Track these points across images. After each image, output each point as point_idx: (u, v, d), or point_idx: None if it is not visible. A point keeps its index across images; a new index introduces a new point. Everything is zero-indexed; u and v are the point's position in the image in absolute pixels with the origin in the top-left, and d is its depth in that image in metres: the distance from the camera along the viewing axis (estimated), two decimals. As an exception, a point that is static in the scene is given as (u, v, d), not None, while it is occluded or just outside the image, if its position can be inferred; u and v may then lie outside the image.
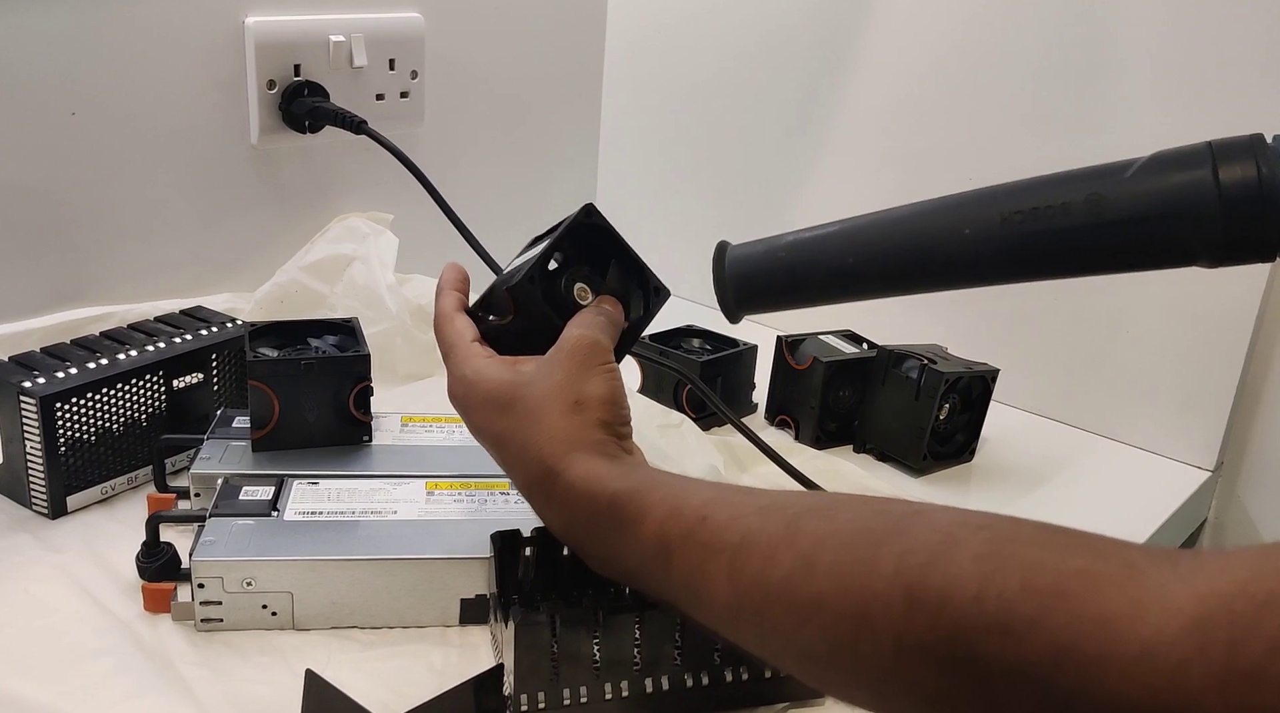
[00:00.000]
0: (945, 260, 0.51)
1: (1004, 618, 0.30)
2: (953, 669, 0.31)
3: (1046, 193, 0.48)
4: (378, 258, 0.87)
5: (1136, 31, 0.79)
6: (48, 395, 0.61)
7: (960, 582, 0.31)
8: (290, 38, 0.85)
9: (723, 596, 0.39)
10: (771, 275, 0.55)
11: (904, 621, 0.32)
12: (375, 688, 0.51)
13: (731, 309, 0.57)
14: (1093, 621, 0.28)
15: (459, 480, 0.63)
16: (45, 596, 0.57)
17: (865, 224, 0.53)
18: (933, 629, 0.32)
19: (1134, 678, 0.27)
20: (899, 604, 0.33)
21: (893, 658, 0.33)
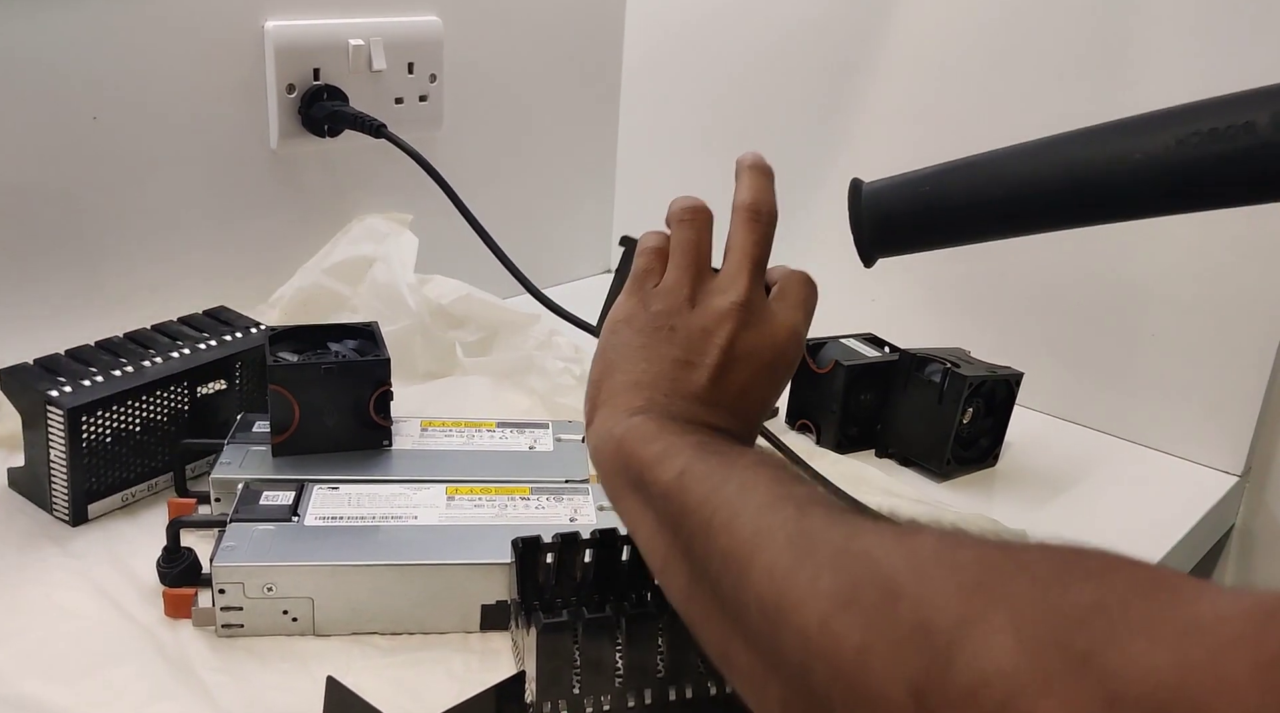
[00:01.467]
0: (1111, 189, 0.47)
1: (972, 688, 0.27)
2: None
3: (1227, 112, 0.44)
4: (398, 257, 0.86)
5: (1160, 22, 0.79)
6: (75, 407, 0.61)
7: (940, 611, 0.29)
8: (309, 42, 0.85)
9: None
10: (912, 211, 0.52)
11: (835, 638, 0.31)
12: (396, 695, 0.51)
13: (867, 251, 0.54)
14: (1151, 583, 0.27)
15: (479, 485, 0.63)
16: (67, 601, 0.57)
17: (1016, 152, 0.49)
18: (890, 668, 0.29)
19: (1174, 648, 0.25)
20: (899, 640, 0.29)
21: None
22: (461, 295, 0.89)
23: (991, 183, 0.50)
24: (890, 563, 0.31)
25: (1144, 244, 0.82)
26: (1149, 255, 0.82)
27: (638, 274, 0.54)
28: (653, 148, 1.13)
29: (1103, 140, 0.47)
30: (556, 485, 0.64)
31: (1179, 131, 0.45)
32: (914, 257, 0.98)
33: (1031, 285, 0.89)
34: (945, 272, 0.94)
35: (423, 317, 0.84)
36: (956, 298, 0.94)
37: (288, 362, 0.65)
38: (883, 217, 0.53)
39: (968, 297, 0.93)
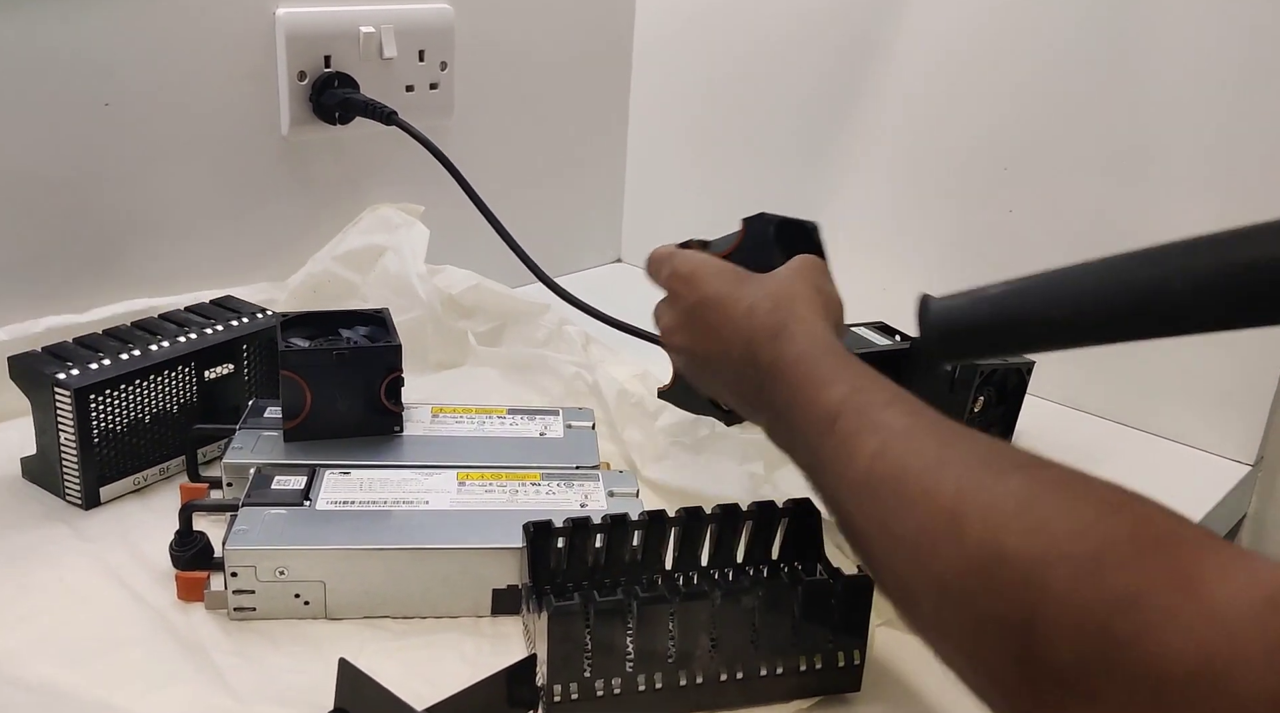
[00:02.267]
0: (1159, 313, 0.49)
1: (1098, 552, 0.31)
2: (1014, 592, 0.32)
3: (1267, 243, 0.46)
4: (409, 248, 0.86)
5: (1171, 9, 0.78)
6: (82, 387, 0.62)
7: (1070, 514, 0.33)
8: (320, 29, 0.85)
9: (860, 466, 0.41)
10: (974, 329, 0.55)
11: (998, 530, 0.33)
12: (408, 678, 0.51)
13: (932, 358, 0.60)
14: (1176, 575, 0.29)
15: (490, 471, 0.63)
16: (80, 584, 0.57)
17: (1071, 275, 0.52)
18: (1023, 545, 0.33)
19: (1196, 636, 0.28)
20: (1001, 515, 0.34)
21: (967, 566, 0.34)
22: (471, 285, 0.89)
23: (1048, 304, 0.53)
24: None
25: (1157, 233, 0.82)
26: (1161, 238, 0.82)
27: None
28: (663, 136, 1.13)
29: (1149, 266, 0.49)
30: (567, 471, 0.64)
31: (1232, 257, 0.47)
32: (924, 246, 0.98)
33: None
34: (956, 260, 0.94)
35: (434, 307, 0.84)
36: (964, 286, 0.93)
37: (300, 347, 0.66)
38: (949, 331, 0.56)
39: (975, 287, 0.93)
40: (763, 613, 0.51)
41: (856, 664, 0.53)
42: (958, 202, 0.93)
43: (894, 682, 0.55)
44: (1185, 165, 0.80)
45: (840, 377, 0.47)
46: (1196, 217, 0.80)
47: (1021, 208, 0.89)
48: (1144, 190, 0.82)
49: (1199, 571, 0.29)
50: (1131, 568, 0.30)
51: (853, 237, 1.01)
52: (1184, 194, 0.80)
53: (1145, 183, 0.82)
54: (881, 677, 0.55)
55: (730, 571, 0.56)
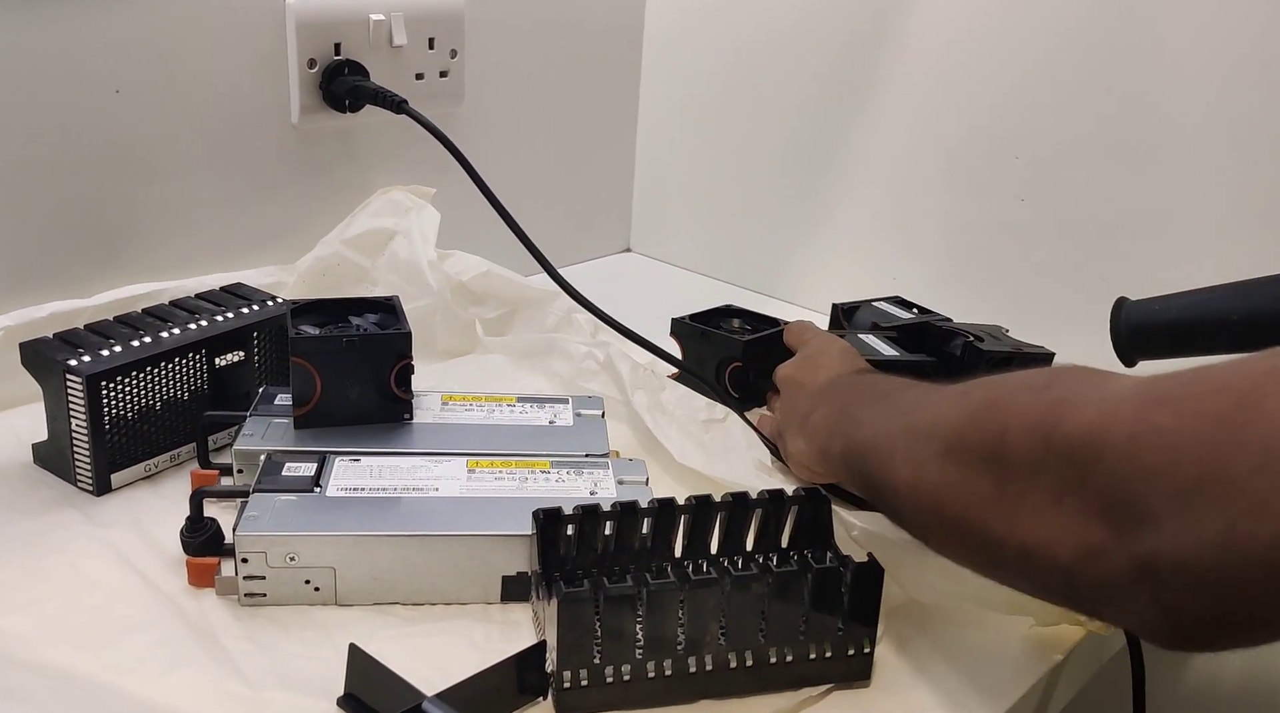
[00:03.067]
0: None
1: (1047, 380, 0.43)
2: (993, 416, 0.44)
3: None
4: (419, 232, 0.86)
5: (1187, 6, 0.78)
6: (94, 374, 0.62)
7: (1044, 372, 0.46)
8: (330, 16, 0.85)
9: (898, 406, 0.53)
10: (1163, 325, 0.64)
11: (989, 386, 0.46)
12: (418, 664, 0.51)
13: (1127, 353, 0.65)
14: (1092, 379, 0.41)
15: (500, 459, 0.63)
16: (91, 570, 0.57)
17: (1250, 285, 0.61)
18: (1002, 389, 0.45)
19: (1094, 409, 0.38)
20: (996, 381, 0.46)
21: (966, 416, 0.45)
22: (482, 272, 0.89)
23: (1227, 309, 0.61)
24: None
25: (1169, 221, 0.82)
26: (1180, 241, 0.82)
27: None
28: (673, 126, 1.13)
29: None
30: (577, 459, 0.64)
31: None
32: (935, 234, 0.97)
33: (1058, 262, 0.88)
34: (967, 248, 0.93)
35: (443, 295, 0.84)
36: (976, 275, 0.93)
37: (310, 334, 0.66)
38: (1139, 328, 0.65)
39: (993, 275, 0.93)
40: (772, 601, 0.51)
41: (866, 653, 0.53)
42: (969, 190, 0.92)
43: (903, 671, 0.55)
44: (1197, 153, 0.79)
45: (903, 383, 0.58)
46: (1209, 204, 0.80)
47: (1033, 196, 0.89)
48: (1156, 178, 0.82)
49: (1111, 376, 0.40)
50: (1068, 382, 0.41)
51: (863, 225, 1.00)
52: (1196, 182, 0.80)
53: (1157, 170, 0.82)
54: (891, 666, 0.55)
55: (740, 558, 0.56)
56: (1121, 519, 0.37)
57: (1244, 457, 0.33)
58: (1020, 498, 0.41)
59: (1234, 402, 0.34)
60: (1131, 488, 0.36)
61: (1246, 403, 0.33)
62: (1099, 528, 0.38)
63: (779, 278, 1.06)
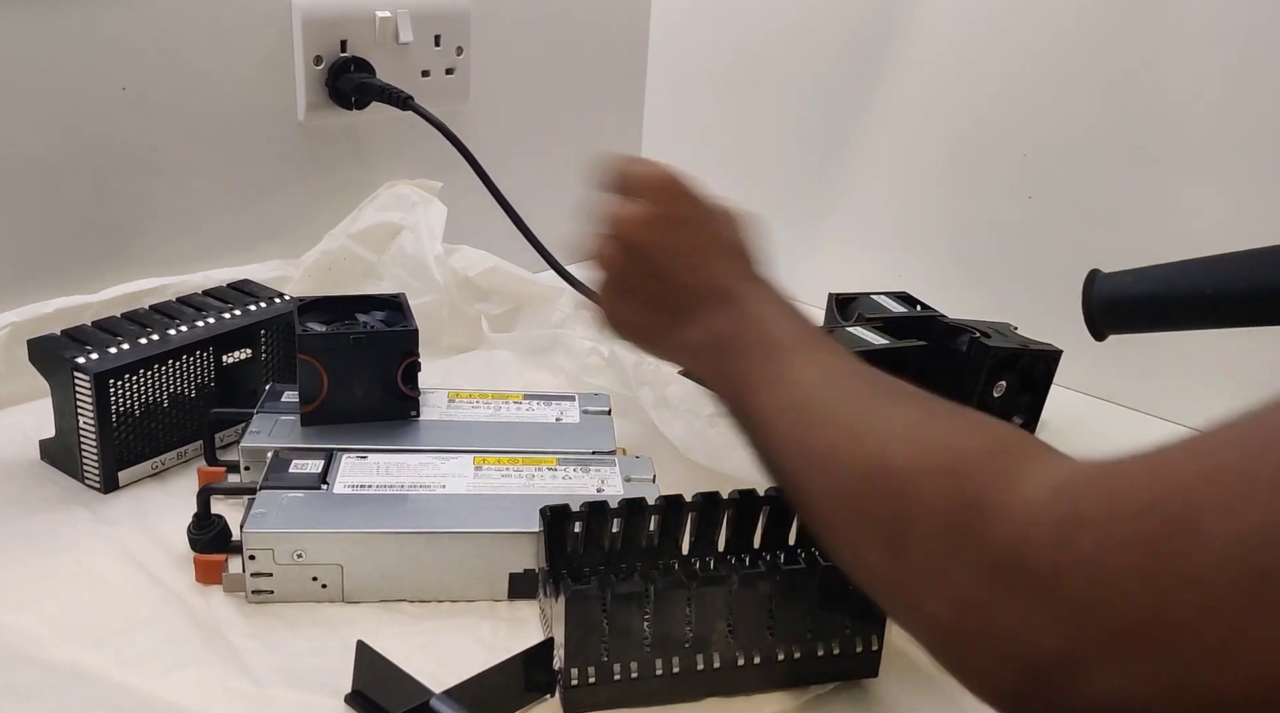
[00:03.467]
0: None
1: (953, 465, 0.37)
2: (895, 496, 0.38)
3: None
4: (426, 227, 0.86)
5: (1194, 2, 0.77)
6: (101, 372, 0.62)
7: (941, 435, 0.40)
8: (337, 13, 0.85)
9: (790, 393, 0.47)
10: (1136, 300, 0.62)
11: (885, 445, 0.40)
12: (425, 661, 0.51)
13: (1099, 327, 0.63)
14: (1003, 478, 0.35)
15: (507, 456, 0.63)
16: (99, 567, 0.57)
17: (1225, 258, 0.58)
18: (901, 459, 0.39)
19: (1007, 525, 0.34)
20: (892, 436, 0.41)
21: (862, 474, 0.40)
22: (489, 267, 0.89)
23: (1201, 283, 0.59)
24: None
25: (1176, 218, 0.81)
26: (1188, 236, 0.81)
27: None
28: (678, 121, 1.13)
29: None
30: (583, 456, 0.64)
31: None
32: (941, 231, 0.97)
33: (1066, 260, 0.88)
34: (975, 245, 0.93)
35: (449, 290, 0.84)
36: (986, 273, 0.93)
37: (317, 332, 0.66)
38: (1112, 302, 0.63)
39: (999, 273, 0.92)
40: (780, 599, 0.51)
41: (875, 650, 0.53)
42: (975, 187, 0.92)
43: (911, 668, 0.54)
44: (1204, 151, 0.79)
45: (791, 316, 0.51)
46: (1215, 202, 0.79)
47: (1041, 194, 0.88)
48: (1163, 175, 0.82)
49: (1022, 473, 0.35)
50: (978, 475, 0.36)
51: (869, 221, 1.00)
52: (1203, 179, 0.80)
53: (1164, 168, 0.81)
54: (899, 663, 0.54)
55: (747, 556, 0.56)
56: (1047, 663, 0.32)
57: (1187, 595, 0.28)
58: (916, 595, 0.37)
59: (1162, 526, 0.29)
60: (1058, 629, 0.31)
61: (1179, 528, 0.29)
62: (1016, 671, 0.33)
63: (783, 274, 1.05)
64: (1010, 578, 0.33)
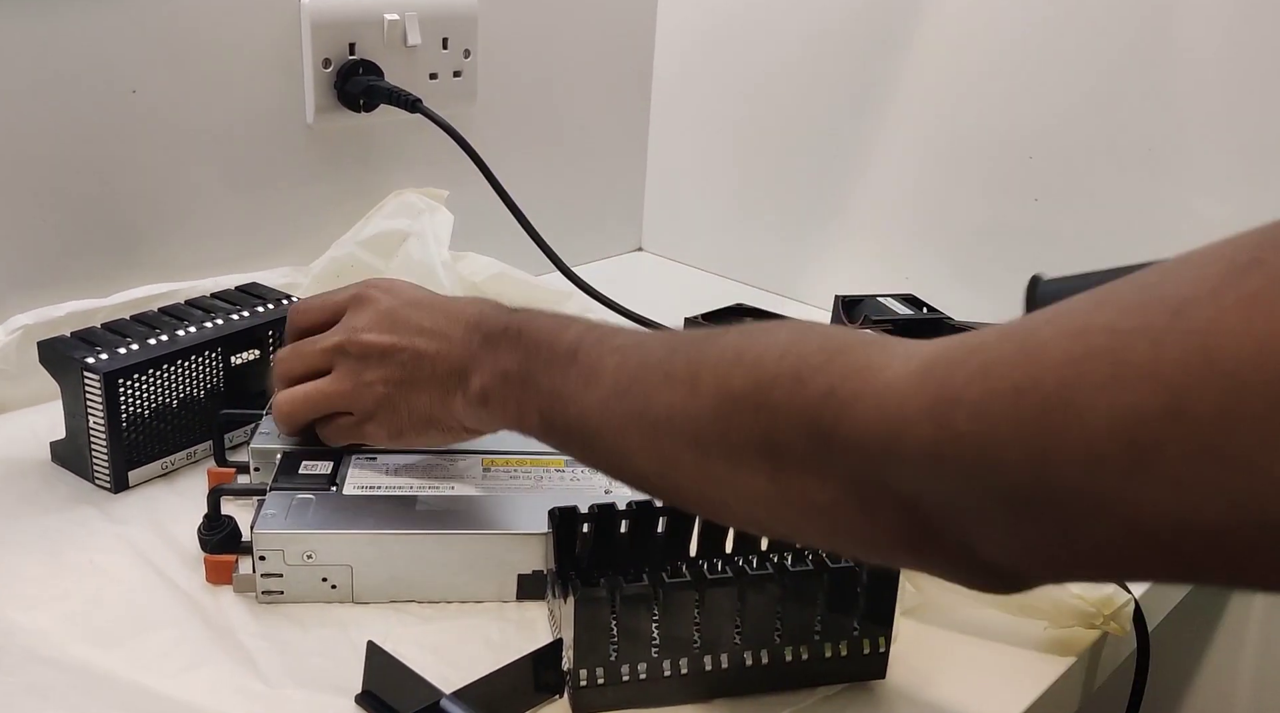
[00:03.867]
0: None
1: (796, 368, 0.38)
2: (750, 417, 0.39)
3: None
4: (433, 234, 0.87)
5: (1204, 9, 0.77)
6: (111, 371, 0.62)
7: (774, 348, 0.40)
8: (345, 16, 0.86)
9: (606, 382, 0.46)
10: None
11: (725, 376, 0.41)
12: (434, 662, 0.51)
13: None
14: (856, 368, 0.36)
15: (515, 457, 0.63)
16: (109, 566, 0.58)
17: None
18: (744, 380, 0.40)
19: (875, 409, 0.35)
20: (724, 365, 0.41)
21: (710, 412, 0.41)
22: (495, 273, 0.89)
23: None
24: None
25: (1183, 222, 0.82)
26: (1194, 239, 0.81)
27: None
28: (684, 125, 1.13)
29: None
30: (591, 458, 0.64)
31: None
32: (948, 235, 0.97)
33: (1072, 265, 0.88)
34: (981, 249, 0.93)
35: (456, 295, 0.84)
36: (991, 276, 0.93)
37: None
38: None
39: (1004, 276, 0.93)
40: (787, 601, 0.51)
41: (882, 652, 0.53)
42: (982, 191, 0.92)
43: (919, 670, 0.55)
44: (1211, 155, 0.79)
45: (572, 323, 0.51)
46: (1222, 206, 0.80)
47: (1047, 197, 0.89)
48: (1169, 179, 0.82)
49: (873, 359, 0.36)
50: (825, 371, 0.37)
51: (875, 224, 1.00)
52: (1209, 183, 0.80)
53: (1170, 172, 0.81)
54: (906, 664, 0.55)
55: (755, 558, 0.56)
56: (940, 528, 0.35)
57: (1069, 463, 0.30)
58: (805, 494, 0.38)
59: (1041, 402, 0.31)
60: (944, 497, 0.34)
61: (1056, 404, 0.30)
62: (912, 532, 0.36)
63: (790, 277, 1.06)
64: (890, 457, 0.34)
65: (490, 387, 0.53)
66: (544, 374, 0.50)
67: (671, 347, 0.45)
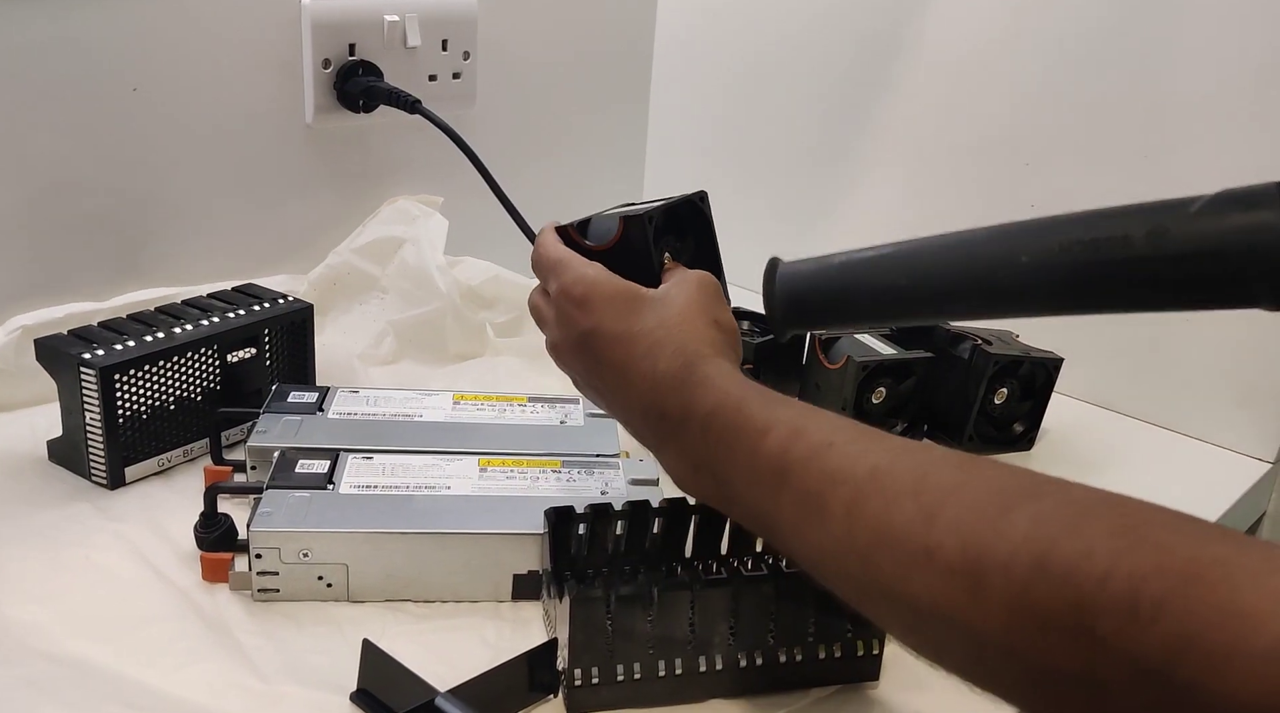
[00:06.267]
0: (1000, 287, 0.49)
1: (1131, 598, 0.29)
2: (1065, 646, 0.30)
3: (1107, 224, 0.48)
4: (428, 240, 0.87)
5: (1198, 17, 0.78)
6: (107, 366, 0.62)
7: (1091, 556, 0.31)
8: (345, 17, 0.86)
9: (835, 530, 0.38)
10: (823, 294, 0.55)
11: (1023, 587, 0.31)
12: (429, 660, 0.51)
13: (779, 326, 0.57)
14: (1225, 611, 0.27)
15: (511, 458, 0.63)
16: (106, 563, 0.58)
17: (919, 247, 0.52)
18: (1053, 599, 0.31)
19: (1260, 675, 0.26)
20: (1021, 570, 0.32)
21: (1001, 625, 0.32)
22: (491, 276, 0.89)
23: (897, 273, 0.52)
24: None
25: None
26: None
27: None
28: (684, 127, 1.13)
29: (997, 241, 0.49)
30: (588, 459, 0.64)
31: (1063, 238, 0.48)
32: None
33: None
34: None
35: (453, 298, 0.85)
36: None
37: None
38: (794, 297, 0.55)
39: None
40: (782, 602, 0.51)
41: (875, 654, 0.53)
42: (978, 196, 0.92)
43: (912, 672, 0.55)
44: (1205, 160, 0.80)
45: (772, 420, 0.43)
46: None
47: (1043, 203, 0.89)
48: (1165, 186, 0.81)
49: (1243, 601, 0.27)
50: (1173, 608, 0.28)
51: (872, 229, 1.00)
52: (1204, 190, 0.80)
53: (1166, 178, 0.82)
54: (900, 667, 0.55)
55: (749, 559, 0.56)
56: None
57: None
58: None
59: None
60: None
61: None
62: None
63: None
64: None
65: (683, 477, 0.48)
66: (745, 488, 0.43)
67: (919, 495, 0.36)
